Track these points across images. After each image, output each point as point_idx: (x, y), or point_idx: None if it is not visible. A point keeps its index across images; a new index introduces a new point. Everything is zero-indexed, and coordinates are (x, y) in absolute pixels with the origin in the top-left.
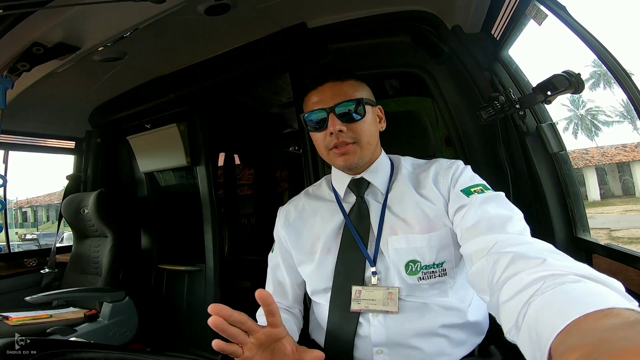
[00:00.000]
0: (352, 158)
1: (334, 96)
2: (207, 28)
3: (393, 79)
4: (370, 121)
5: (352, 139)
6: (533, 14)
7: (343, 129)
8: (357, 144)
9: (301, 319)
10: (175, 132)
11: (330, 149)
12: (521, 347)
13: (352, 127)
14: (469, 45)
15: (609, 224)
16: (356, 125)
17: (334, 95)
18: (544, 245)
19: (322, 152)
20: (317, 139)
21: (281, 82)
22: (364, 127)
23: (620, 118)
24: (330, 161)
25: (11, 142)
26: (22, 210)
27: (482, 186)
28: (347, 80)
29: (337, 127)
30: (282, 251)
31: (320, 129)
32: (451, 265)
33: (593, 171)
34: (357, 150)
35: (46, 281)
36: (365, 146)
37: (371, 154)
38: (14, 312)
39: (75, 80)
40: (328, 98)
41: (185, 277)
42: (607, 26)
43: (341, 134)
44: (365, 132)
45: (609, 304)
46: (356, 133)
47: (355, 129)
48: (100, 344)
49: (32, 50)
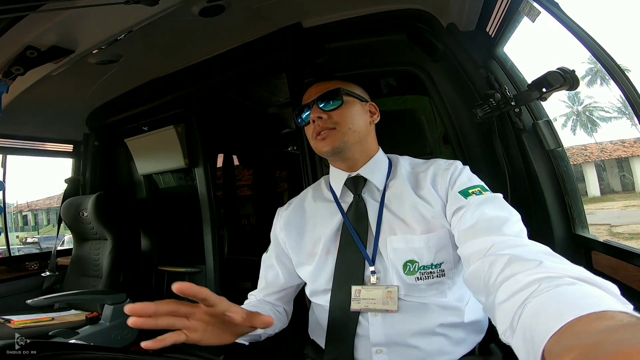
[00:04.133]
0: (334, 141)
1: (318, 91)
2: (202, 29)
3: (390, 78)
4: (353, 110)
5: (332, 124)
6: (526, 10)
7: (323, 116)
8: (337, 129)
9: (284, 316)
10: (173, 134)
11: (315, 138)
12: (515, 348)
13: (331, 114)
14: (464, 42)
15: (609, 220)
16: (335, 112)
17: (318, 91)
18: (541, 248)
19: (312, 144)
20: (307, 133)
21: (278, 82)
22: (344, 113)
23: (618, 114)
24: (318, 150)
25: (9, 146)
26: (22, 214)
27: (480, 187)
28: (332, 80)
29: (316, 114)
30: (277, 253)
31: (307, 121)
32: (449, 266)
33: (592, 167)
34: (338, 135)
35: (47, 284)
36: (346, 132)
37: (358, 142)
38: (16, 315)
39: (71, 83)
40: (313, 94)
41: (186, 278)
42: (602, 23)
43: (321, 121)
44: (345, 119)
45: (604, 306)
46: (336, 118)
47: (335, 115)
48: (102, 347)
49: (25, 53)
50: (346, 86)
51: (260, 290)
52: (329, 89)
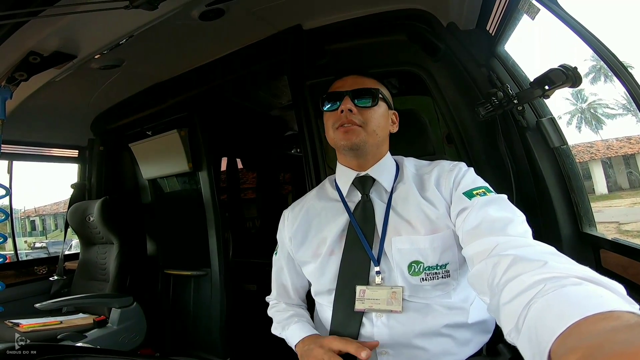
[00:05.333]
0: (355, 138)
1: (354, 84)
2: (202, 33)
3: (391, 78)
4: (380, 114)
5: (360, 121)
6: (526, 8)
7: (354, 109)
8: (363, 128)
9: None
10: (176, 138)
11: (337, 128)
12: (521, 349)
13: (362, 111)
14: (465, 41)
15: (617, 218)
16: (366, 110)
17: (353, 83)
18: (546, 248)
19: (328, 132)
20: (328, 118)
21: (280, 84)
22: (373, 115)
23: (623, 111)
24: (334, 141)
25: (14, 152)
26: (30, 220)
27: (484, 189)
28: (369, 77)
29: (347, 106)
30: (285, 255)
31: (333, 108)
32: (454, 267)
33: (599, 164)
34: (362, 133)
35: (55, 288)
36: (370, 133)
37: (376, 145)
38: (25, 319)
39: (75, 89)
40: (348, 85)
41: (192, 281)
42: (606, 19)
43: (350, 114)
44: (373, 119)
45: (610, 306)
46: (365, 117)
47: (365, 113)
48: (110, 350)
49: (28, 59)
50: (382, 88)
51: (279, 295)
52: (368, 86)
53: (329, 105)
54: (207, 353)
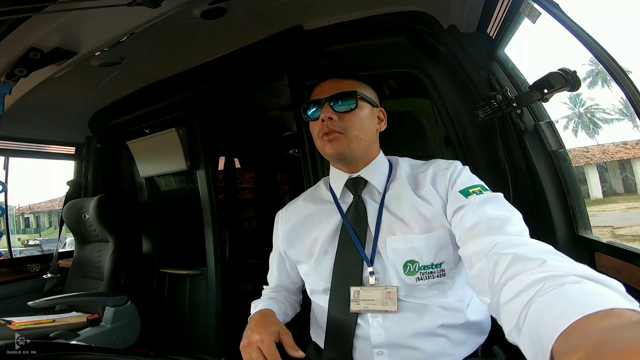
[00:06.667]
0: (339, 146)
1: (332, 89)
2: (203, 32)
3: (391, 80)
4: (363, 116)
5: (341, 128)
6: (527, 12)
7: (333, 117)
8: (344, 135)
9: (298, 307)
10: (175, 136)
11: (322, 137)
12: (522, 348)
13: (342, 117)
14: (465, 44)
15: (612, 222)
16: (346, 115)
17: (331, 89)
18: (544, 247)
19: (316, 141)
20: (313, 128)
21: (280, 84)
22: (354, 120)
23: (620, 115)
24: (322, 150)
25: (11, 149)
26: (24, 217)
27: (480, 187)
28: (348, 79)
29: (327, 114)
30: (276, 254)
31: (315, 117)
32: (450, 265)
33: (594, 169)
34: (344, 141)
35: (49, 286)
36: (353, 139)
37: (364, 149)
38: (17, 317)
39: (74, 86)
40: (326, 91)
41: (187, 281)
42: (604, 24)
43: (331, 122)
44: (354, 124)
45: (610, 304)
46: (345, 124)
47: (345, 119)
48: (104, 348)
49: (28, 55)
50: (362, 89)
51: (273, 288)
52: (345, 89)
53: (311, 113)
54: (202, 353)
